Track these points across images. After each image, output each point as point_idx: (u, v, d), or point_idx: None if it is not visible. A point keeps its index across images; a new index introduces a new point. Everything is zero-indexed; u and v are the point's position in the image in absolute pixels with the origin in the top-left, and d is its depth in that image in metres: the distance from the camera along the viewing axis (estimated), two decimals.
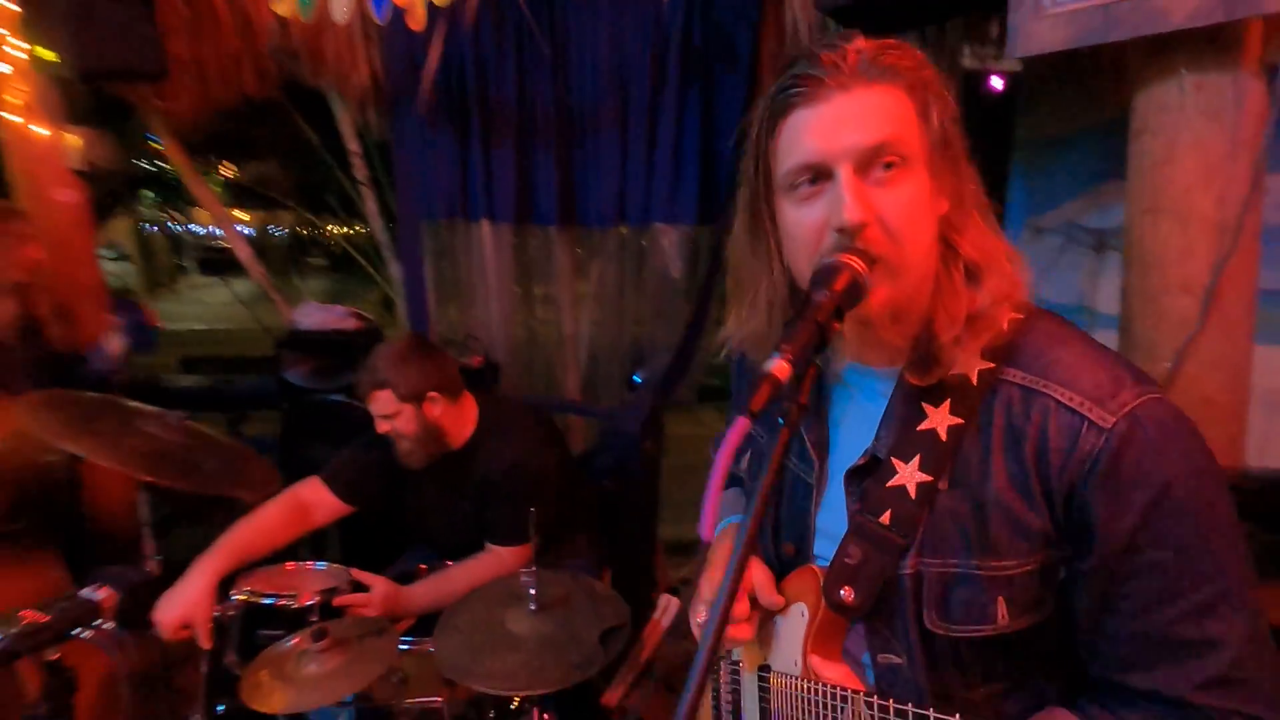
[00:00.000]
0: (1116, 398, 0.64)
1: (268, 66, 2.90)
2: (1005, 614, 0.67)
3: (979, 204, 0.72)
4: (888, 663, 0.74)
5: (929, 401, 0.71)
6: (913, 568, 0.70)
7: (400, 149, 2.87)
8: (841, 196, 0.64)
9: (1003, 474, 0.67)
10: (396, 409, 1.70)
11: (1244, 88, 1.28)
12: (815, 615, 0.75)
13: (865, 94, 0.64)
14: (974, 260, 0.69)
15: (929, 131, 0.67)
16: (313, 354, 2.59)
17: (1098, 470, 0.63)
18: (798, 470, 0.83)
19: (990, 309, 0.69)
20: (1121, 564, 0.64)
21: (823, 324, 0.58)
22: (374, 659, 1.34)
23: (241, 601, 1.54)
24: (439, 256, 2.96)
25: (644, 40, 2.53)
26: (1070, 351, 0.68)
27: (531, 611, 1.47)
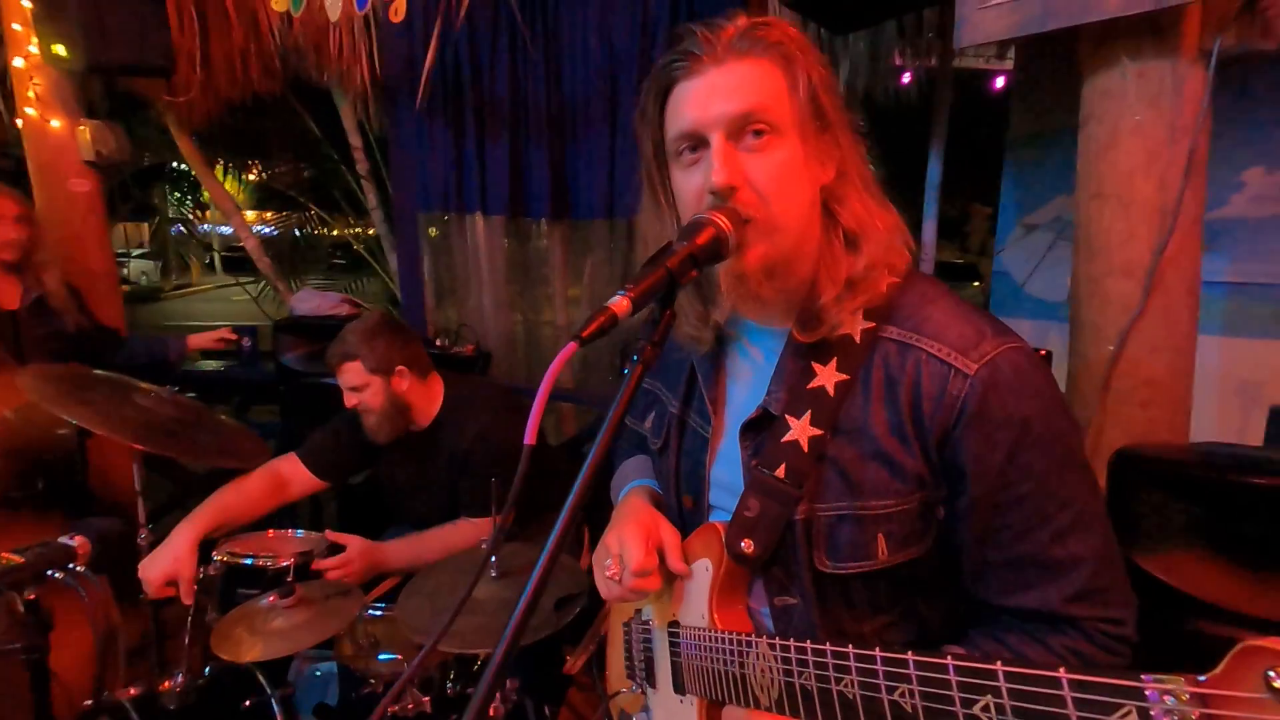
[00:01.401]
0: (978, 348, 0.69)
1: (274, 63, 3.01)
2: (885, 549, 0.72)
3: (862, 176, 0.76)
4: (784, 604, 0.78)
5: (817, 360, 0.75)
6: (804, 514, 0.74)
7: (397, 143, 2.97)
8: (711, 162, 0.69)
9: (882, 422, 0.71)
10: (365, 381, 1.76)
11: (1182, 75, 1.31)
12: (719, 569, 0.78)
13: (736, 67, 0.69)
14: (852, 229, 0.74)
15: (799, 102, 0.70)
16: (308, 339, 2.69)
17: (966, 413, 0.68)
18: (696, 426, 0.87)
19: (867, 273, 0.73)
20: (995, 498, 0.69)
21: (673, 270, 0.62)
22: (335, 616, 1.41)
23: (223, 562, 1.62)
24: (434, 248, 3.06)
25: (632, 37, 2.60)
26: (939, 309, 0.73)
27: (493, 578, 1.53)
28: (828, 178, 0.74)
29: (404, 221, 3.04)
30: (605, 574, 0.84)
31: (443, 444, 1.86)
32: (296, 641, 1.33)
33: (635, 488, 0.96)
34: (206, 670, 1.61)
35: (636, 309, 0.60)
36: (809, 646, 0.66)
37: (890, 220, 0.76)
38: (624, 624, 1.01)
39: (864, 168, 0.76)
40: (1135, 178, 1.36)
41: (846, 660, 0.62)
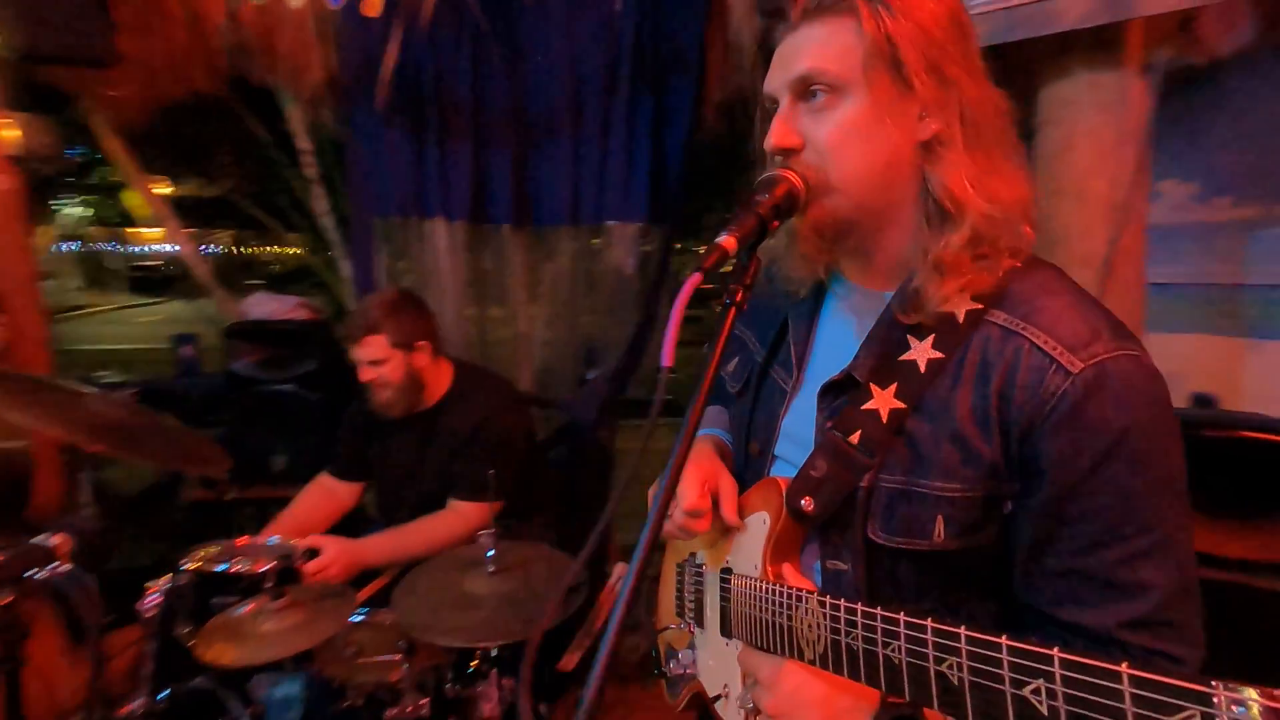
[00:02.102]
0: (1089, 347, 0.66)
1: (217, 61, 2.88)
2: (942, 532, 0.70)
3: (976, 139, 0.70)
4: (834, 568, 0.78)
5: (914, 334, 0.73)
6: (868, 482, 0.73)
7: (354, 146, 2.89)
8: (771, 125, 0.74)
9: (966, 404, 0.69)
10: (387, 354, 1.76)
11: (1129, 84, 1.46)
12: (776, 522, 0.80)
13: (807, 30, 0.73)
14: (942, 199, 0.70)
15: (869, 59, 0.68)
16: (263, 344, 2.56)
17: (1058, 412, 0.65)
18: (778, 377, 0.87)
19: (962, 255, 0.69)
20: (1068, 504, 0.66)
21: (764, 217, 0.66)
22: (329, 617, 1.36)
23: (194, 570, 1.53)
24: (391, 254, 2.98)
25: (597, 45, 2.64)
26: (1057, 301, 0.70)
27: (490, 574, 1.51)
28: (920, 137, 0.71)
29: (359, 227, 2.95)
30: None
31: (444, 425, 1.86)
32: (290, 644, 1.27)
33: (704, 434, 0.98)
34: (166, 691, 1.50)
35: (740, 246, 0.63)
36: (859, 608, 0.65)
37: (1008, 195, 0.70)
38: (677, 564, 1.03)
39: (981, 128, 0.70)
40: (1090, 177, 1.50)
41: (896, 626, 0.61)
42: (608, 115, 2.67)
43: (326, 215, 3.25)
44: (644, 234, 2.77)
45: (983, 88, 0.71)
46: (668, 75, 2.61)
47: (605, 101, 2.67)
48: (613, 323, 2.94)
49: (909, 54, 0.68)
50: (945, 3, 0.71)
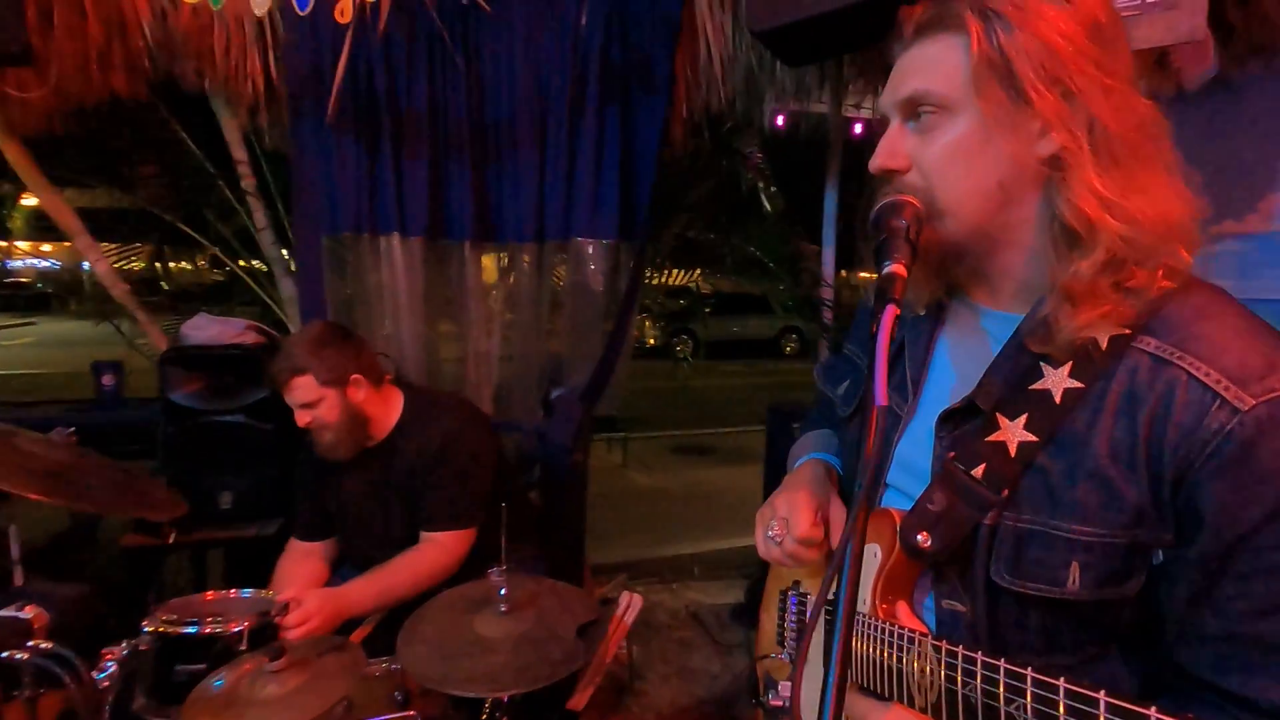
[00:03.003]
0: (1263, 381, 0.59)
1: (141, 63, 2.64)
2: (1077, 580, 0.64)
3: (1109, 153, 0.64)
4: (951, 609, 0.73)
5: (1048, 362, 0.68)
6: (992, 520, 0.68)
7: (300, 158, 2.71)
8: (879, 143, 0.72)
9: (1107, 439, 0.64)
10: (319, 395, 1.63)
11: None
12: (889, 557, 0.75)
13: (918, 48, 0.71)
14: (1068, 218, 0.64)
15: (983, 76, 0.65)
16: (204, 372, 2.34)
17: (1223, 454, 0.59)
18: (891, 402, 0.82)
19: (1098, 280, 0.63)
20: (1235, 559, 0.60)
21: (912, 241, 0.64)
22: (339, 674, 1.23)
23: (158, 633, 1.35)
24: (339, 271, 2.80)
25: (562, 58, 2.59)
26: (1219, 326, 0.63)
27: (502, 613, 1.42)
28: (1042, 154, 0.66)
29: (305, 243, 2.76)
30: (769, 533, 0.82)
31: (404, 452, 1.74)
32: (301, 709, 1.14)
33: (814, 459, 0.94)
34: None
35: (909, 270, 0.62)
36: (979, 658, 0.59)
37: (1145, 212, 0.63)
38: (780, 591, 0.99)
39: (1117, 142, 0.64)
40: None
41: (1022, 683, 0.55)
42: (574, 129, 2.62)
43: (265, 230, 3.04)
44: (614, 250, 2.73)
45: (1121, 97, 0.65)
46: (636, 89, 2.60)
47: (572, 115, 2.62)
48: (578, 340, 2.88)
49: (1024, 68, 0.64)
50: (1078, 6, 0.66)
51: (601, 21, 2.54)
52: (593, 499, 3.07)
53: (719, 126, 3.01)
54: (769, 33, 1.82)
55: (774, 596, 1.01)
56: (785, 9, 1.73)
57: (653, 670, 3.09)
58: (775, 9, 1.76)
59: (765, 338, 13.65)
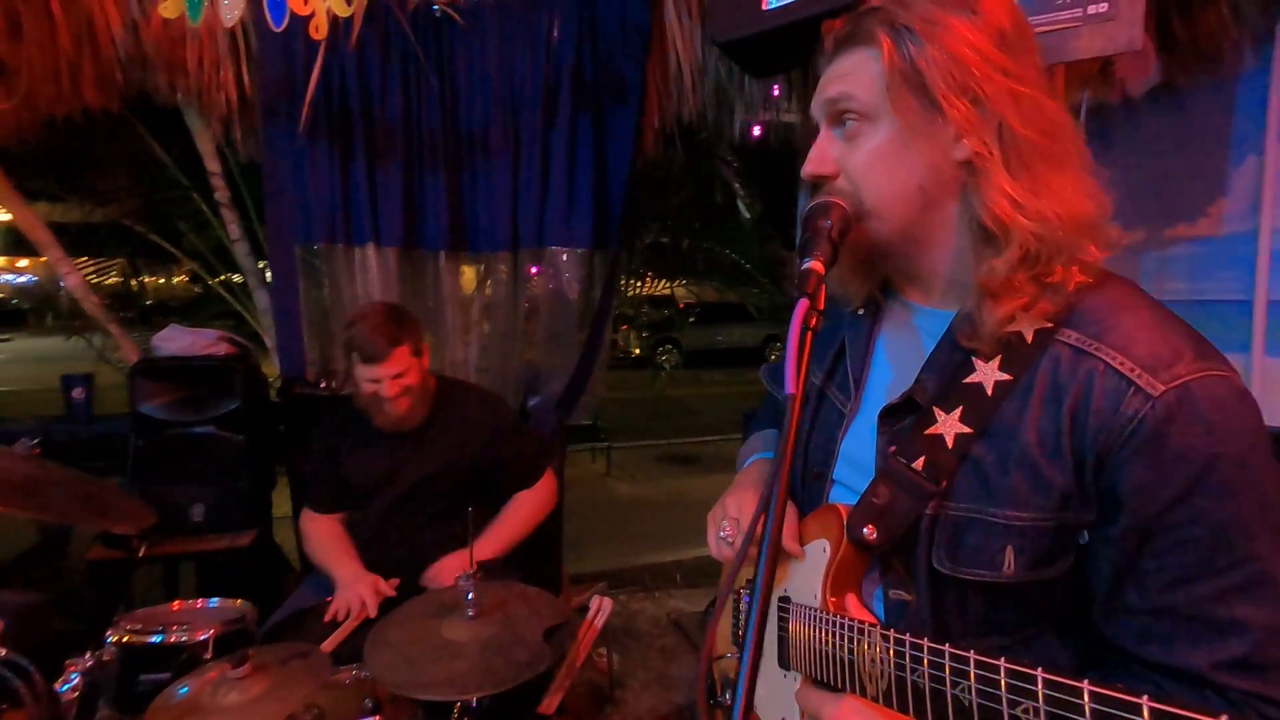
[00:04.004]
0: (1171, 368, 0.62)
1: (112, 75, 2.64)
2: (1012, 563, 0.67)
3: (1018, 156, 0.67)
4: (898, 598, 0.75)
5: (979, 356, 0.71)
6: (933, 510, 0.71)
7: (273, 169, 2.71)
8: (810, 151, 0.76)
9: (1034, 429, 0.67)
10: (408, 364, 1.77)
11: None
12: (837, 551, 0.77)
13: (835, 62, 0.74)
14: (984, 220, 0.67)
15: (896, 87, 0.68)
16: (175, 383, 2.33)
17: (1137, 438, 0.62)
18: (835, 400, 0.86)
19: (1012, 277, 0.66)
20: (1151, 536, 0.63)
21: (835, 241, 0.68)
22: (301, 681, 1.23)
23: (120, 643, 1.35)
24: (315, 282, 2.80)
25: (535, 70, 2.62)
26: (1133, 319, 0.66)
27: (469, 618, 1.42)
28: (957, 158, 0.69)
29: (279, 254, 2.76)
30: (720, 533, 0.83)
31: (450, 423, 1.92)
32: (263, 715, 1.14)
33: (762, 458, 0.96)
34: None
35: (827, 268, 0.65)
36: (926, 644, 0.62)
37: (1061, 212, 0.66)
38: (734, 590, 0.99)
39: (1028, 146, 0.67)
40: None
41: (966, 665, 0.57)
42: (547, 140, 2.66)
43: (239, 241, 3.03)
44: (588, 259, 2.75)
45: (1030, 103, 0.67)
46: (608, 100, 2.63)
47: (545, 126, 2.65)
48: (554, 349, 2.89)
49: (934, 78, 0.67)
50: (984, 18, 0.69)
51: (573, 34, 2.58)
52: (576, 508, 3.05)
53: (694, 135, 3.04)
54: (733, 44, 1.87)
55: (727, 597, 1.01)
56: (747, 21, 1.78)
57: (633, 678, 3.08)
58: (738, 21, 1.80)
59: (749, 346, 13.70)
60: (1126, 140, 2.31)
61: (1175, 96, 2.13)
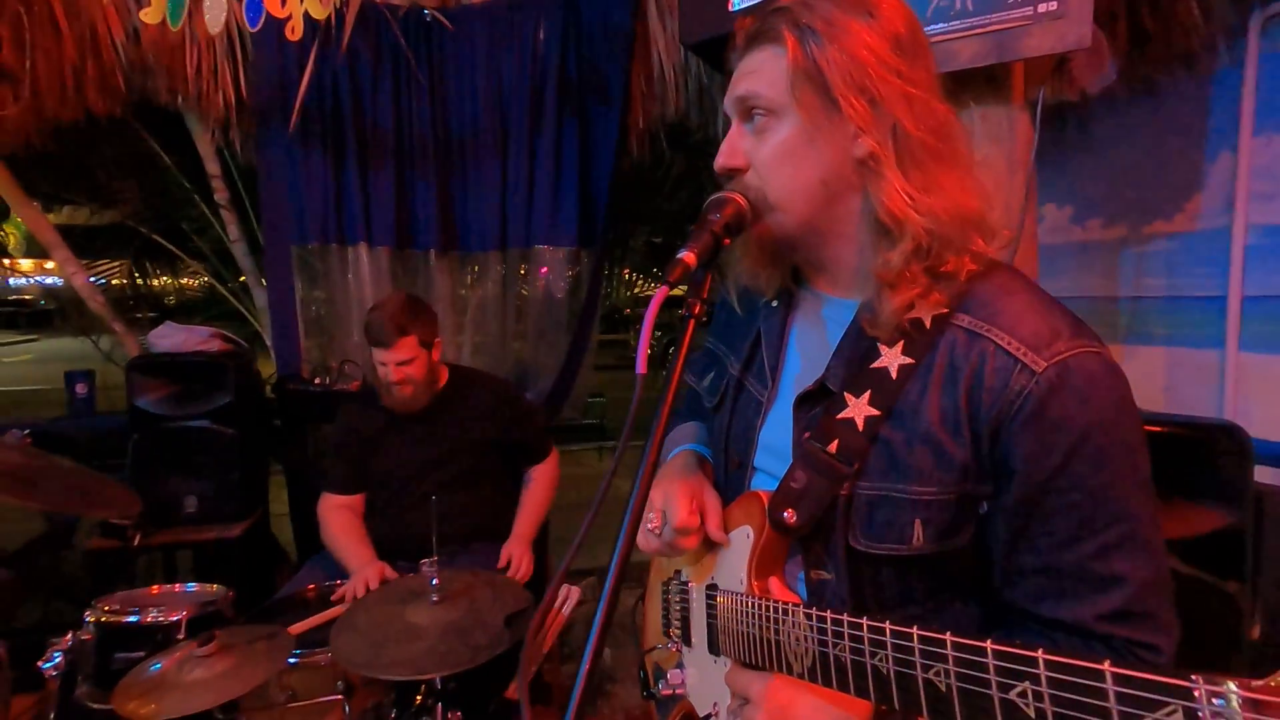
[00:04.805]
0: (1051, 346, 0.67)
1: (115, 81, 2.73)
2: (920, 536, 0.71)
3: (910, 154, 0.71)
4: (819, 578, 0.78)
5: (884, 342, 0.74)
6: (847, 491, 0.74)
7: (268, 170, 2.79)
8: (722, 144, 0.78)
9: (935, 408, 0.71)
10: (415, 354, 1.91)
11: (1015, 118, 1.62)
12: (760, 536, 0.79)
13: (749, 55, 0.76)
14: (880, 215, 0.71)
15: (799, 83, 0.71)
16: (170, 378, 2.41)
17: (1024, 411, 0.66)
18: (752, 389, 0.88)
19: (906, 268, 0.70)
20: (1039, 502, 0.67)
21: (717, 234, 0.70)
22: (263, 661, 1.28)
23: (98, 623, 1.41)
24: (310, 281, 2.88)
25: (522, 73, 2.68)
26: (1017, 302, 0.71)
27: (433, 603, 1.47)
28: (856, 155, 0.72)
29: (275, 254, 2.84)
30: (647, 526, 0.86)
31: (455, 410, 2.06)
32: (222, 691, 1.19)
33: (685, 450, 0.98)
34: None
35: (700, 262, 0.67)
36: (845, 619, 0.65)
37: (944, 206, 0.70)
38: (663, 583, 1.02)
39: (917, 144, 0.71)
40: None
41: (882, 635, 0.61)
42: (534, 141, 2.70)
43: (239, 242, 3.11)
44: (574, 258, 2.80)
45: (922, 105, 0.72)
46: (593, 102, 2.68)
47: (531, 127, 2.70)
48: (543, 347, 2.94)
49: (834, 78, 0.70)
50: (881, 21, 0.72)
51: (558, 37, 2.63)
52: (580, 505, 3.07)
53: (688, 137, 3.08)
54: (702, 45, 1.90)
55: (656, 589, 1.05)
56: (715, 22, 1.81)
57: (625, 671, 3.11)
58: (705, 22, 1.83)
59: None
60: (1104, 137, 2.31)
61: (1150, 92, 2.13)
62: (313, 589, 1.81)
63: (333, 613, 1.61)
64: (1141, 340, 2.27)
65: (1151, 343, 2.25)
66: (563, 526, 2.99)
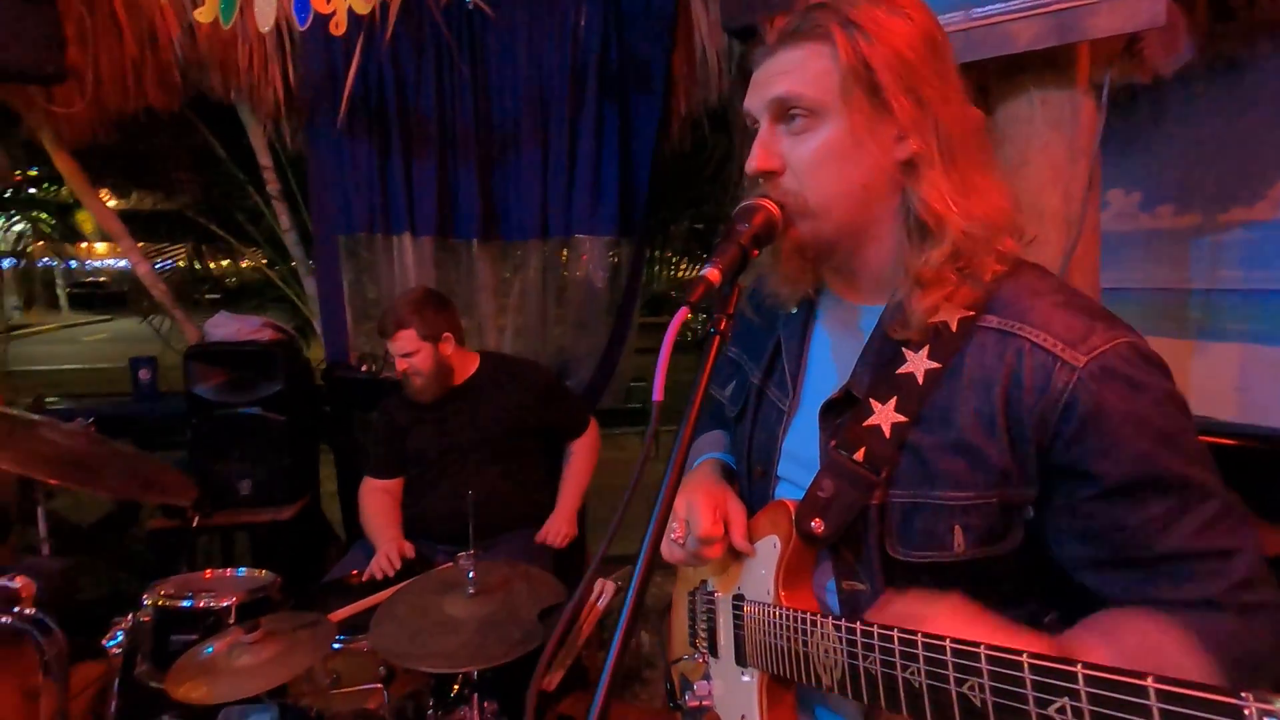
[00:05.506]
0: (1087, 340, 0.66)
1: (172, 77, 2.82)
2: (962, 543, 0.69)
3: (950, 156, 0.70)
4: (852, 589, 0.76)
5: (909, 347, 0.73)
6: (879, 499, 0.72)
7: (316, 162, 2.85)
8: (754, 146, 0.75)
9: (970, 413, 0.69)
10: (417, 347, 1.97)
11: (1079, 103, 1.52)
12: (787, 546, 0.78)
13: (784, 53, 0.73)
14: (922, 216, 0.70)
15: (846, 83, 0.69)
16: (225, 366, 2.50)
17: (1078, 411, 0.65)
18: (774, 398, 0.87)
19: (944, 269, 0.69)
20: (1130, 494, 0.65)
21: (745, 247, 0.67)
22: (307, 648, 1.33)
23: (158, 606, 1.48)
24: (356, 270, 2.94)
25: (563, 60, 2.65)
26: (1047, 300, 0.70)
27: (470, 596, 1.49)
28: (899, 157, 0.72)
29: (323, 244, 2.91)
30: (671, 536, 0.85)
31: (485, 398, 2.12)
32: (268, 678, 1.24)
33: (709, 459, 0.97)
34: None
35: (725, 278, 0.64)
36: (876, 630, 0.63)
37: (980, 209, 0.70)
38: (689, 593, 1.01)
39: (957, 147, 0.71)
40: (1044, 192, 1.55)
41: (914, 648, 0.59)
42: (575, 129, 2.68)
43: (290, 231, 3.20)
44: (614, 246, 2.78)
45: (958, 106, 0.72)
46: (634, 89, 2.64)
47: (572, 115, 2.68)
48: (583, 335, 2.94)
49: (885, 77, 0.69)
50: (918, 24, 0.72)
51: (599, 22, 2.59)
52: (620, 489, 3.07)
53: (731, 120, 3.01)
54: (744, 30, 1.84)
55: (682, 599, 1.03)
56: (757, 6, 1.75)
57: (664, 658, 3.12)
58: (747, 6, 1.78)
59: None
60: (1178, 117, 2.16)
61: (1233, 69, 1.98)
62: (355, 574, 1.87)
63: (375, 599, 1.65)
64: (1214, 336, 2.13)
65: (1225, 339, 2.11)
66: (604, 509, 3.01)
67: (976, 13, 1.45)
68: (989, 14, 1.44)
